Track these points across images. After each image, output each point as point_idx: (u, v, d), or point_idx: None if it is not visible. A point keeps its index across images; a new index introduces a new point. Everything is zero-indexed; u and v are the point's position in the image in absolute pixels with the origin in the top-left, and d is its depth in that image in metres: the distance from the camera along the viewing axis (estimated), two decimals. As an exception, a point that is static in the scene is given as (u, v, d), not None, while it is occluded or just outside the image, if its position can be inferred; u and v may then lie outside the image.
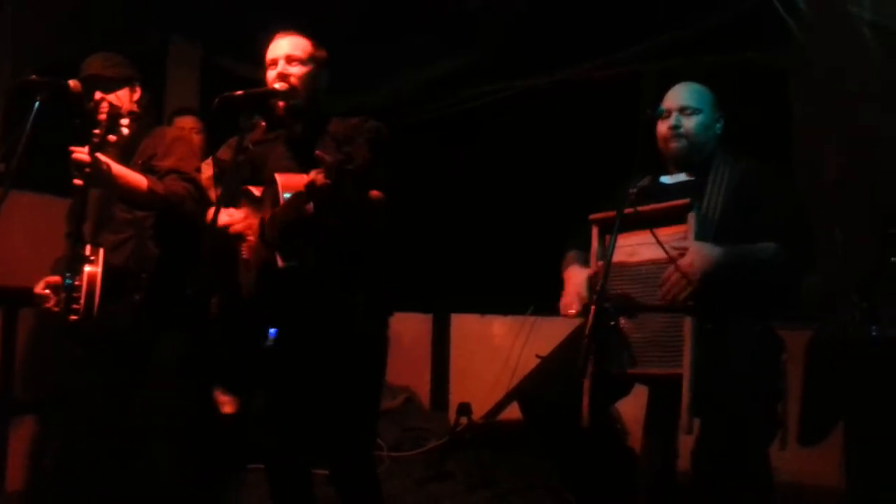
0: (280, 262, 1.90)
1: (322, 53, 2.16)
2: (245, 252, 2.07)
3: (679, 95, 2.16)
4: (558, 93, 4.40)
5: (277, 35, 2.15)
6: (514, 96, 4.55)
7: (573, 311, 2.01)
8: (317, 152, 1.78)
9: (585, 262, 2.13)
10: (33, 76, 2.18)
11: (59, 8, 3.22)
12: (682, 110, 2.13)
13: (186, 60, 4.19)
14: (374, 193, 1.98)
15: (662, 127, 2.15)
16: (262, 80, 2.13)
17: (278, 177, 1.95)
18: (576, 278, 2.09)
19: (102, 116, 2.30)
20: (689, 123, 2.12)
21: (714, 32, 3.56)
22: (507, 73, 4.51)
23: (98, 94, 2.36)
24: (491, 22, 3.91)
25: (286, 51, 2.10)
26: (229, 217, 2.09)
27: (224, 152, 2.20)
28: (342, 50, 2.31)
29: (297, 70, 2.09)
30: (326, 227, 1.91)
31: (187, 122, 3.29)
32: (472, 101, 4.63)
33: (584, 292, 2.02)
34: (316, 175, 1.77)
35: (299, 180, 1.92)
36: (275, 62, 2.10)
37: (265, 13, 3.55)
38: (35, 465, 3.13)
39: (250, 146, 2.03)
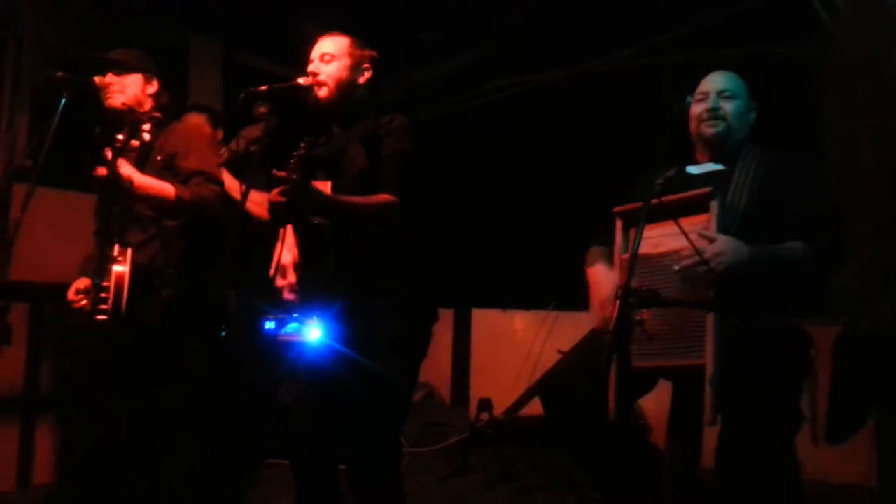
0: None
1: (363, 52, 2.16)
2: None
3: (718, 79, 2.13)
4: (579, 86, 4.38)
5: (319, 37, 2.17)
6: (534, 90, 4.53)
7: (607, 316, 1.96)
8: (274, 172, 1.87)
9: (609, 259, 2.11)
10: (59, 73, 2.20)
11: (76, 5, 3.25)
12: (721, 93, 2.10)
13: (208, 58, 4.22)
14: (384, 197, 1.98)
15: (698, 109, 2.11)
16: (284, 73, 2.15)
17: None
18: (604, 285, 2.05)
19: (110, 97, 2.32)
20: (728, 106, 2.09)
21: (740, 23, 3.51)
22: (527, 67, 4.50)
23: (110, 76, 2.38)
24: (505, 18, 3.90)
25: (321, 50, 2.14)
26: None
27: (237, 143, 2.25)
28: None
29: (328, 68, 2.11)
30: (316, 227, 1.97)
31: (196, 120, 3.29)
32: (490, 96, 4.62)
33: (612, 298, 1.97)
34: (274, 192, 1.87)
35: (323, 188, 1.98)
36: (311, 62, 2.14)
37: (284, 10, 3.58)
38: (61, 460, 3.18)
39: (266, 138, 2.04)
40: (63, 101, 2.15)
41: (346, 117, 2.15)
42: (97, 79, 2.34)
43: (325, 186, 2.00)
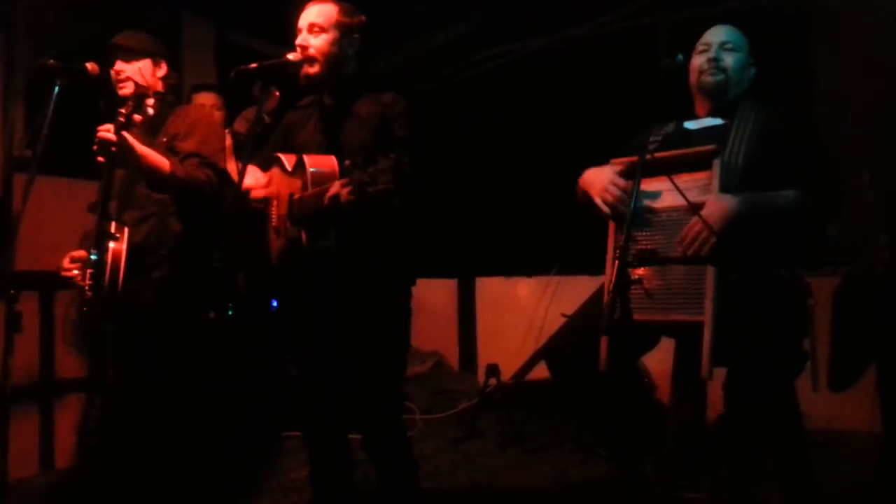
0: (304, 240, 1.95)
1: (351, 20, 2.11)
2: (274, 220, 2.11)
3: (720, 32, 2.14)
4: (575, 50, 4.33)
5: (307, 4, 2.13)
6: (531, 56, 4.49)
7: (612, 198, 1.97)
8: (346, 162, 1.81)
9: None
10: (51, 61, 2.19)
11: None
12: (723, 45, 2.10)
13: (200, 38, 4.20)
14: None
15: (699, 60, 2.12)
16: (277, 53, 2.13)
17: (307, 158, 1.98)
18: (595, 174, 2.05)
19: (123, 87, 2.32)
20: (730, 59, 2.10)
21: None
22: (523, 33, 4.46)
23: (118, 64, 2.38)
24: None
25: (309, 19, 2.09)
26: (254, 180, 2.11)
27: (239, 124, 2.24)
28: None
29: (317, 40, 2.07)
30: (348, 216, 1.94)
31: (207, 99, 3.29)
32: (488, 64, 4.59)
33: (616, 180, 1.98)
34: (340, 189, 1.79)
35: (328, 162, 1.97)
36: (299, 31, 2.10)
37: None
38: (80, 443, 3.24)
39: (266, 117, 2.04)
40: (56, 88, 2.14)
41: (337, 89, 2.13)
42: (89, 65, 2.34)
43: (330, 161, 1.98)
